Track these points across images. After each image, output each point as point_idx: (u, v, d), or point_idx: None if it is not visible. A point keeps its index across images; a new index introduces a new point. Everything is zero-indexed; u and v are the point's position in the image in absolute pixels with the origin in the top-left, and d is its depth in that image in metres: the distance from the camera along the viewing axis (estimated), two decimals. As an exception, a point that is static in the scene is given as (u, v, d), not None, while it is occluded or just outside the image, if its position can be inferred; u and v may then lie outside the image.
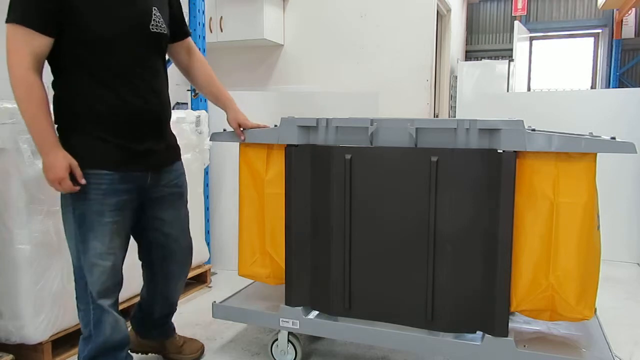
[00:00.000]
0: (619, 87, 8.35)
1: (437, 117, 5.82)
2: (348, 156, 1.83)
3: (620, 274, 3.30)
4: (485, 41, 9.82)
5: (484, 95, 5.33)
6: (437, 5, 5.33)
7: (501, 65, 7.51)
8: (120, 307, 2.40)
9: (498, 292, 1.69)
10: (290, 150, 1.91)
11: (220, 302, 2.12)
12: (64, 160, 1.51)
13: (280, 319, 1.98)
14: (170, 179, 1.82)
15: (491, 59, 8.51)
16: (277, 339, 2.07)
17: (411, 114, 4.41)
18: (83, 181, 1.55)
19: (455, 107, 6.57)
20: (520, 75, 8.33)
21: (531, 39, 9.50)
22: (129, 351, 1.82)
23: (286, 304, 1.98)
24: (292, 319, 1.97)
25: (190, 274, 2.92)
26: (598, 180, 1.67)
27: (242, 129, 1.97)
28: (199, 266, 2.98)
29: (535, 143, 1.62)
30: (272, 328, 2.05)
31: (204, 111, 2.92)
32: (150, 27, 1.63)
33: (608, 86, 8.79)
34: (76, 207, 1.60)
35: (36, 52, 1.46)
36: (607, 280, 2.11)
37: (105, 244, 1.62)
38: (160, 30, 1.67)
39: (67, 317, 2.11)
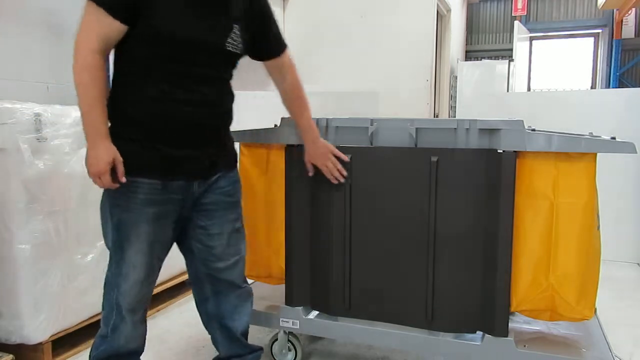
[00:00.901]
0: (619, 87, 8.35)
1: (437, 117, 5.82)
2: (349, 156, 1.83)
3: (620, 274, 3.30)
4: (485, 41, 9.82)
5: (484, 95, 5.33)
6: (437, 5, 5.33)
7: (501, 65, 7.51)
8: (120, 307, 2.41)
9: (498, 292, 1.69)
10: (290, 150, 1.91)
11: None
12: (108, 153, 1.40)
13: (280, 319, 1.98)
14: (221, 185, 1.65)
15: (491, 59, 8.51)
16: (277, 339, 2.07)
17: (411, 114, 4.42)
18: (124, 179, 1.42)
19: (455, 107, 6.57)
20: (520, 75, 8.34)
21: (531, 39, 9.50)
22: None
23: (286, 304, 1.98)
24: (292, 319, 1.97)
25: (190, 274, 2.93)
26: (598, 180, 1.67)
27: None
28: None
29: (535, 143, 1.62)
30: (272, 328, 2.05)
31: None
32: (226, 45, 1.52)
33: (608, 86, 8.79)
34: (114, 213, 1.51)
35: (107, 36, 1.38)
36: (607, 280, 2.11)
37: (140, 255, 1.52)
38: (236, 50, 1.56)
39: (67, 317, 2.11)
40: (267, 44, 1.70)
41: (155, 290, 2.64)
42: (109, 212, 1.52)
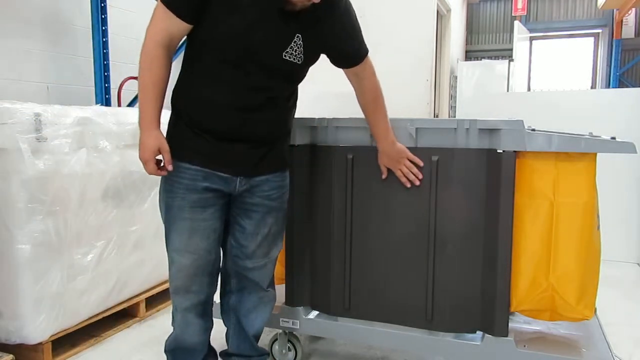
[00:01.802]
0: (619, 87, 8.35)
1: (437, 117, 5.82)
2: (350, 156, 1.83)
3: (620, 274, 3.30)
4: (485, 41, 9.82)
5: (484, 95, 5.33)
6: (437, 5, 5.33)
7: (501, 65, 7.51)
8: (119, 308, 2.42)
9: (498, 292, 1.69)
10: (291, 150, 1.91)
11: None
12: (154, 141, 1.46)
13: (280, 319, 1.98)
14: (264, 189, 1.65)
15: (491, 59, 8.51)
16: (277, 339, 2.07)
17: (411, 114, 4.41)
18: (170, 167, 1.49)
19: (455, 107, 6.57)
20: (520, 75, 8.33)
21: (531, 39, 9.50)
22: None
23: (286, 304, 1.98)
24: (292, 319, 1.97)
25: (190, 274, 2.93)
26: (598, 180, 1.67)
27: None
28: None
29: (535, 143, 1.62)
30: (272, 328, 2.05)
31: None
32: (284, 54, 1.51)
33: (608, 86, 8.79)
34: (163, 197, 1.59)
35: (171, 31, 1.45)
36: (607, 280, 2.11)
37: (182, 240, 1.57)
38: (294, 59, 1.53)
39: (67, 317, 2.11)
40: (339, 57, 1.68)
41: (155, 291, 2.65)
42: (161, 194, 1.60)
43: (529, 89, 9.37)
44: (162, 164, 1.50)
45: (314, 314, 2.00)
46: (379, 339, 1.87)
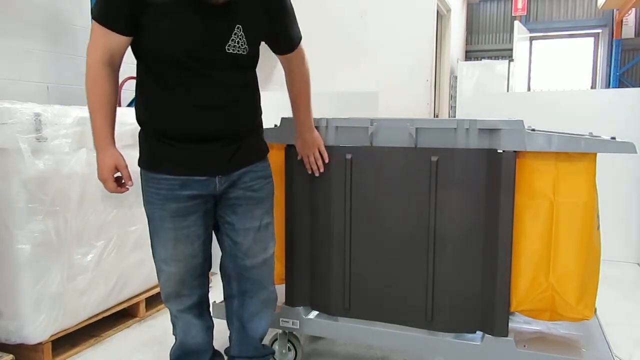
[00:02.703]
0: (619, 87, 8.36)
1: (437, 117, 5.83)
2: (349, 156, 1.83)
3: (620, 274, 3.29)
4: (485, 41, 9.82)
5: (484, 95, 5.33)
6: (437, 5, 5.33)
7: (501, 65, 7.52)
8: (119, 308, 2.42)
9: (498, 292, 1.69)
10: (290, 150, 1.91)
11: (220, 302, 2.12)
12: (109, 159, 1.48)
13: (280, 319, 1.98)
14: (244, 180, 1.64)
15: (491, 59, 8.52)
16: (277, 339, 2.07)
17: (411, 114, 4.42)
18: (130, 183, 1.53)
19: (455, 107, 6.58)
20: (520, 75, 8.34)
21: (531, 39, 9.50)
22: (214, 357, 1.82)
23: (286, 304, 1.98)
24: (292, 319, 1.97)
25: (190, 274, 2.93)
26: (598, 180, 1.67)
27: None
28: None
29: (535, 143, 1.62)
30: (272, 328, 2.05)
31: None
32: (227, 47, 1.49)
33: (608, 86, 8.79)
34: (146, 209, 1.60)
35: (111, 47, 1.45)
36: (607, 280, 2.11)
37: (168, 249, 1.58)
38: (238, 51, 1.52)
39: (67, 317, 2.11)
40: (276, 41, 1.68)
41: (155, 291, 2.65)
42: (144, 206, 1.61)
43: (529, 89, 9.37)
44: (122, 181, 1.52)
45: (314, 314, 2.00)
46: (379, 339, 1.87)
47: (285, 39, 1.68)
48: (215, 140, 1.55)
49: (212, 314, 1.87)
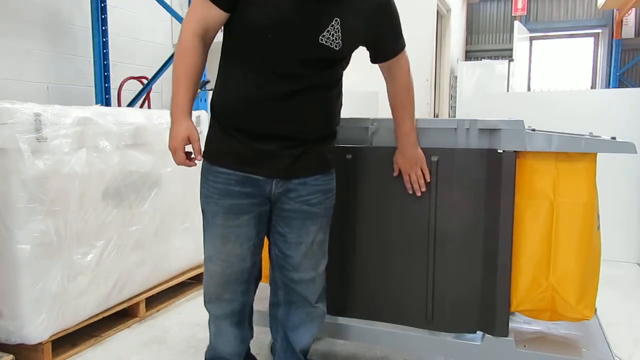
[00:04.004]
0: (619, 87, 8.36)
1: (437, 117, 5.82)
2: (349, 156, 1.83)
3: (620, 274, 3.30)
4: (485, 41, 9.82)
5: (484, 95, 5.33)
6: (437, 5, 5.33)
7: (501, 65, 7.52)
8: (119, 308, 2.42)
9: (498, 292, 1.69)
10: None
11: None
12: (184, 130, 1.42)
13: (280, 319, 1.97)
14: (302, 194, 1.54)
15: (491, 59, 8.52)
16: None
17: (411, 114, 4.40)
18: (200, 157, 1.48)
19: (455, 107, 6.57)
20: (520, 75, 8.34)
21: (531, 39, 9.50)
22: None
23: (286, 304, 1.98)
24: (292, 319, 1.96)
25: (191, 274, 2.93)
26: (598, 180, 1.67)
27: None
28: (199, 266, 2.98)
29: (535, 143, 1.62)
30: (272, 328, 2.05)
31: (203, 111, 2.92)
32: (320, 37, 1.41)
33: (608, 86, 8.79)
34: (201, 202, 1.56)
35: (207, 20, 1.42)
36: (607, 280, 2.11)
37: (215, 247, 1.53)
38: (331, 44, 1.43)
39: (67, 317, 2.11)
40: (377, 47, 1.61)
41: (155, 291, 2.65)
42: (200, 198, 1.56)
43: (529, 89, 9.37)
44: (192, 155, 1.46)
45: (314, 314, 2.00)
46: (379, 339, 1.87)
47: (388, 43, 1.61)
48: (280, 139, 1.48)
49: (253, 323, 1.78)
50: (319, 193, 1.57)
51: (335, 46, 1.44)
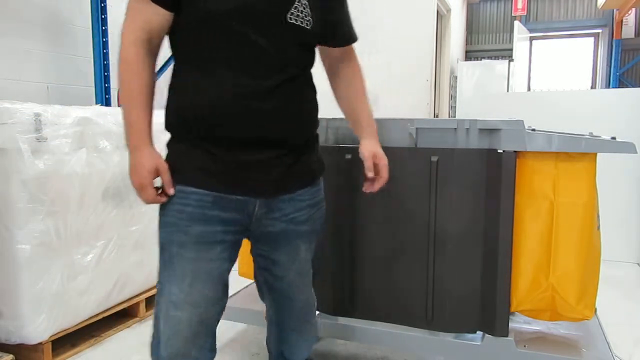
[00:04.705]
0: (619, 87, 8.36)
1: (437, 117, 5.83)
2: (348, 156, 1.83)
3: (620, 274, 3.30)
4: (485, 41, 9.82)
5: (484, 95, 5.33)
6: (437, 5, 5.33)
7: (501, 65, 7.52)
8: (119, 308, 2.42)
9: (498, 292, 1.69)
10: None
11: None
12: (149, 160, 1.17)
13: (280, 319, 1.97)
14: (287, 212, 1.31)
15: (491, 59, 8.52)
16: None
17: (411, 114, 4.42)
18: (172, 190, 1.20)
19: (455, 107, 6.58)
20: (520, 75, 8.34)
21: (531, 39, 9.50)
22: None
23: (286, 304, 1.98)
24: (292, 319, 1.96)
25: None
26: (598, 180, 1.67)
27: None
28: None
29: (536, 143, 1.62)
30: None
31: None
32: (289, 16, 1.21)
33: (608, 86, 8.79)
34: (160, 233, 1.25)
35: (151, 24, 1.18)
36: (607, 280, 2.11)
37: (183, 288, 1.20)
38: (302, 23, 1.23)
39: (67, 317, 2.11)
40: (340, 30, 1.41)
41: (155, 291, 2.65)
42: (158, 230, 1.27)
43: (529, 89, 9.37)
44: (160, 190, 1.22)
45: (314, 314, 2.00)
46: (379, 339, 1.87)
47: (348, 27, 1.43)
48: (267, 146, 1.23)
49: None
50: (306, 209, 1.35)
51: (307, 24, 1.24)
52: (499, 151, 1.66)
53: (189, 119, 1.21)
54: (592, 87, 9.29)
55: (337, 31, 1.40)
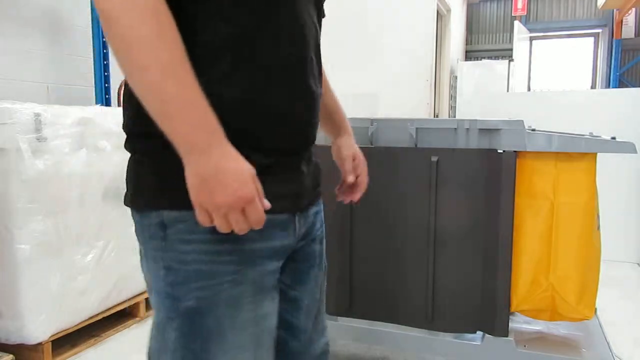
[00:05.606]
0: (619, 87, 8.36)
1: (437, 117, 5.83)
2: (348, 156, 1.83)
3: (620, 274, 3.30)
4: (485, 41, 9.82)
5: (484, 95, 5.33)
6: (437, 5, 5.33)
7: (501, 65, 7.53)
8: (119, 308, 2.42)
9: (498, 292, 1.69)
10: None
11: None
12: (245, 161, 0.73)
13: (280, 319, 1.97)
14: (317, 227, 0.99)
15: (491, 59, 8.52)
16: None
17: (411, 114, 4.42)
18: (268, 205, 0.74)
19: (455, 107, 6.58)
20: (520, 75, 8.34)
21: (531, 39, 9.50)
22: None
23: (286, 304, 1.98)
24: (292, 319, 1.96)
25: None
26: (598, 180, 1.67)
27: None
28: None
29: (536, 143, 1.63)
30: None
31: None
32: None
33: (608, 86, 8.80)
34: (180, 293, 0.78)
35: None
36: (607, 280, 2.11)
37: None
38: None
39: (67, 317, 2.11)
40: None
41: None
42: (164, 290, 0.79)
43: (529, 89, 9.38)
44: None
45: (314, 314, 2.00)
46: (379, 339, 1.87)
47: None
48: (303, 143, 0.91)
49: None
50: (324, 221, 1.06)
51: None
52: (499, 151, 1.66)
53: (232, 115, 0.79)
54: (592, 87, 9.30)
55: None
